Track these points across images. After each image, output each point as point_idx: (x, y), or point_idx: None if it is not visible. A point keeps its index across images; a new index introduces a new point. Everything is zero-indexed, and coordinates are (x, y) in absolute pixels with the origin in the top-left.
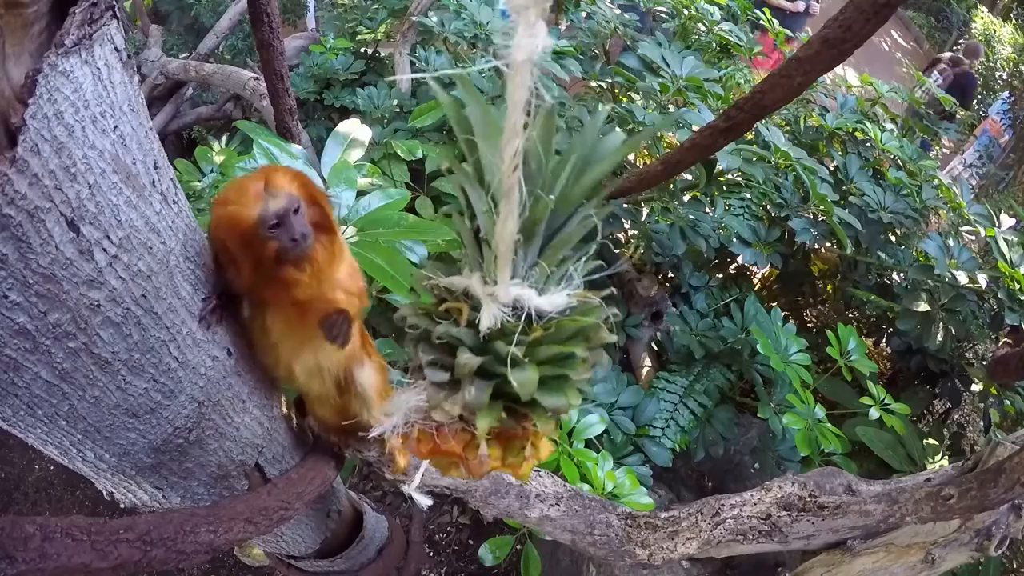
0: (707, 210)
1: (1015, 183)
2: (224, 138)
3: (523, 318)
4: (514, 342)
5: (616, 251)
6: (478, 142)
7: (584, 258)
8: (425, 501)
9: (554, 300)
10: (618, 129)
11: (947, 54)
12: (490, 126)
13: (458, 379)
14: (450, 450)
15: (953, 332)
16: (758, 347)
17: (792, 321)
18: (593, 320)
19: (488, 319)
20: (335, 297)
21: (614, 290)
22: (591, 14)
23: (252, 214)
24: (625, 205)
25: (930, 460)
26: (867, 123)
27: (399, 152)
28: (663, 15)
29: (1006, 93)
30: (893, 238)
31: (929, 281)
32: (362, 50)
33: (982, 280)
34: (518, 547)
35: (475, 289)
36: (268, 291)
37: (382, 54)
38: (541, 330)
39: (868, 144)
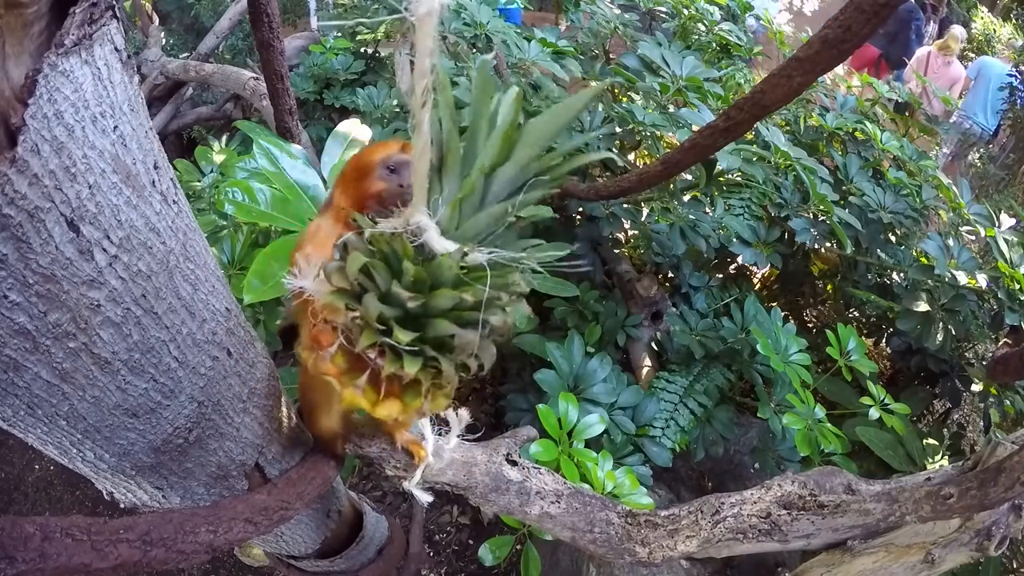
0: (707, 210)
1: (1015, 183)
2: (224, 138)
3: (414, 240)
4: (385, 230)
5: (616, 251)
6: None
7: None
8: (425, 498)
9: (445, 244)
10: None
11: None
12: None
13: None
14: (319, 338)
15: (953, 332)
16: (758, 347)
17: (792, 321)
18: (472, 283)
19: (387, 224)
20: None
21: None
22: (591, 14)
23: (380, 154)
24: (625, 205)
25: (930, 460)
26: (867, 123)
27: None
28: (663, 15)
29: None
30: (893, 238)
31: (929, 281)
32: (362, 50)
33: (982, 280)
34: (518, 547)
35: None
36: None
37: (382, 54)
38: (415, 258)
39: (868, 144)
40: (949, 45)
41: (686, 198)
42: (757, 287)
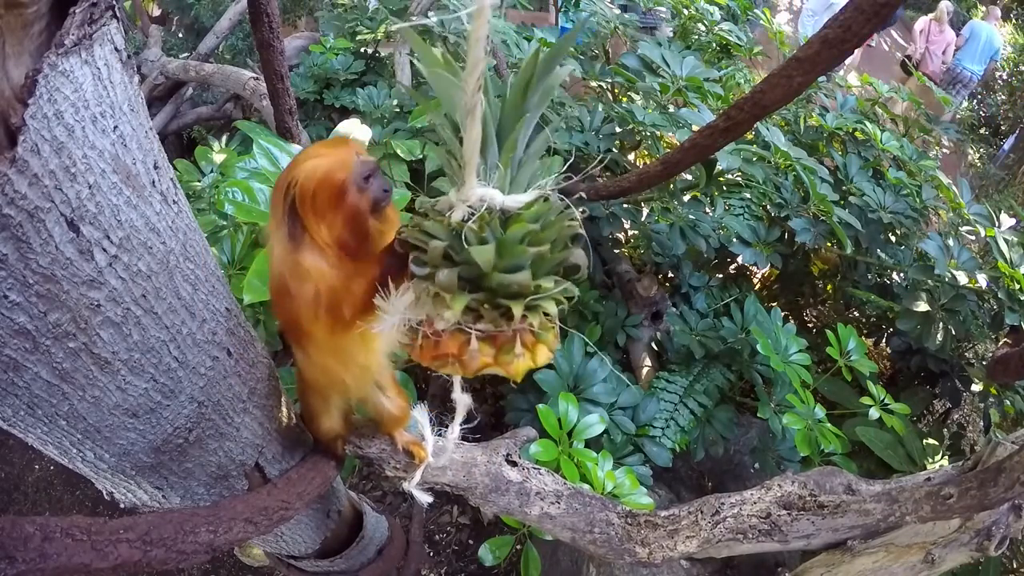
0: (707, 210)
1: (1015, 183)
2: (224, 138)
3: (491, 213)
4: (471, 220)
5: (616, 251)
6: (438, 84)
7: (550, 172)
8: (425, 499)
9: (518, 198)
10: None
11: None
12: (450, 67)
13: (435, 268)
14: (446, 351)
15: (953, 332)
16: (758, 347)
17: (792, 321)
18: (558, 213)
19: (457, 214)
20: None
21: (583, 195)
22: (591, 14)
23: (350, 164)
24: (625, 205)
25: (930, 460)
26: (867, 123)
27: (399, 152)
28: (663, 15)
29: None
30: (893, 238)
31: (929, 281)
32: (362, 50)
33: (982, 280)
34: (518, 547)
35: (452, 197)
36: (352, 246)
37: (382, 54)
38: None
39: (868, 144)
40: (939, 17)
41: (686, 198)
42: (757, 287)
